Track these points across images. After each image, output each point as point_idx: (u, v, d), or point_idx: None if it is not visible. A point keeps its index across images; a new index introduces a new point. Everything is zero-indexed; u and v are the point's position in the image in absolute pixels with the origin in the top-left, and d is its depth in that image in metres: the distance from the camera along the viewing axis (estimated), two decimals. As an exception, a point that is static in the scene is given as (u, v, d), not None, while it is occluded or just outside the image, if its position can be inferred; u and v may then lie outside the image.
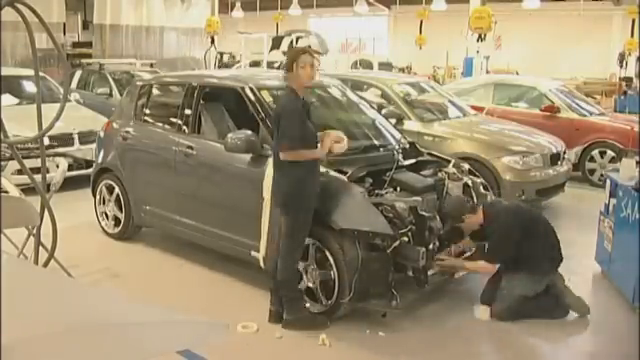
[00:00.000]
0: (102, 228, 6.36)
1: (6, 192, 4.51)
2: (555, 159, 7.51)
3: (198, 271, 5.44)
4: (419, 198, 4.45)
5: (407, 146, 5.42)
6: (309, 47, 18.20)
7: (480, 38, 12.50)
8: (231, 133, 4.89)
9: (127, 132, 6.07)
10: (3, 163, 6.99)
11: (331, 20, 28.23)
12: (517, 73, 18.77)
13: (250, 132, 4.82)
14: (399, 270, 4.26)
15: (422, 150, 5.50)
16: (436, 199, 4.79)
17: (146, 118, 6.08)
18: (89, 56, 16.20)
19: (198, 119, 5.52)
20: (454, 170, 5.15)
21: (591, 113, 9.92)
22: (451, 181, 4.93)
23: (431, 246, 4.36)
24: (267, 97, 5.32)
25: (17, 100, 8.71)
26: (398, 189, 4.63)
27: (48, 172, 4.00)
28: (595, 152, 9.26)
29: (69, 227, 5.49)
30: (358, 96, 6.41)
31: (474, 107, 9.04)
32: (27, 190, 4.62)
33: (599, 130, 9.40)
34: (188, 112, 5.54)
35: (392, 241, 4.12)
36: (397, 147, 5.18)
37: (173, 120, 5.76)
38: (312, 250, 4.39)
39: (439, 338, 4.32)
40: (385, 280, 4.17)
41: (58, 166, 5.58)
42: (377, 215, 4.20)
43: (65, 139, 8.00)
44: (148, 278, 5.36)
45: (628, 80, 18.47)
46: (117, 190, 6.10)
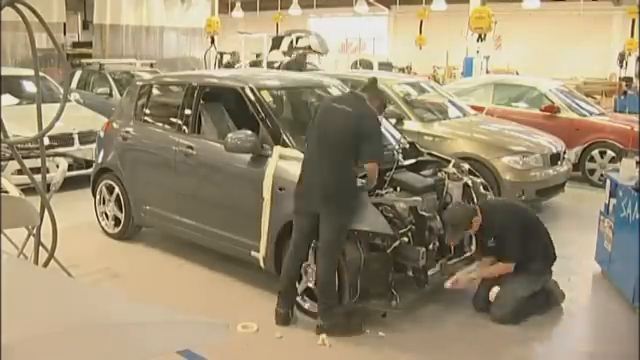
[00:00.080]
0: (102, 228, 6.36)
1: (6, 192, 4.51)
2: (555, 159, 7.51)
3: (198, 271, 5.45)
4: (419, 198, 4.45)
5: (407, 146, 5.42)
6: (309, 47, 18.15)
7: (480, 38, 12.49)
8: (231, 133, 4.89)
9: (127, 132, 6.07)
10: (3, 163, 6.99)
11: (331, 20, 28.20)
12: (517, 73, 18.74)
13: (250, 132, 4.83)
14: (399, 270, 4.26)
15: (422, 150, 5.50)
16: (436, 199, 4.79)
17: (146, 118, 6.08)
18: (89, 56, 16.20)
19: (198, 119, 5.52)
20: (454, 170, 5.15)
21: (591, 113, 9.92)
22: (451, 181, 4.93)
23: (431, 246, 4.36)
24: (267, 97, 5.32)
25: (17, 100, 8.70)
26: (398, 189, 4.63)
27: (48, 172, 3.99)
28: (595, 152, 9.26)
29: (69, 227, 5.49)
30: (358, 96, 6.40)
31: (474, 107, 9.04)
32: (27, 190, 4.62)
33: (599, 130, 9.40)
34: (188, 112, 5.54)
35: (392, 241, 4.13)
36: (397, 147, 5.18)
37: (173, 120, 5.76)
38: (312, 250, 4.39)
39: (439, 338, 4.33)
40: (385, 280, 4.17)
41: (58, 166, 5.58)
42: (377, 215, 4.20)
43: (65, 139, 8.00)
44: (148, 278, 5.37)
45: (628, 80, 18.45)
46: (117, 190, 6.11)
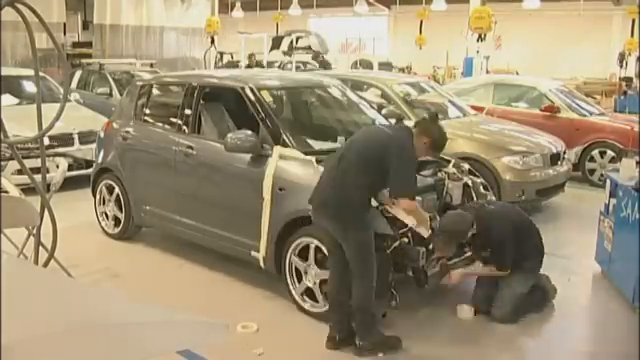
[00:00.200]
0: (102, 228, 6.36)
1: (6, 192, 4.51)
2: (555, 159, 7.51)
3: (198, 271, 5.45)
4: (419, 198, 4.45)
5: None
6: (309, 47, 18.14)
7: (480, 38, 12.50)
8: (231, 133, 4.89)
9: (127, 132, 6.07)
10: (3, 163, 6.99)
11: (331, 20, 28.21)
12: (517, 73, 18.76)
13: (250, 132, 4.83)
14: (399, 270, 4.26)
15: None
16: (436, 199, 4.78)
17: (146, 118, 6.08)
18: (89, 56, 16.21)
19: (198, 119, 5.52)
20: (454, 170, 5.15)
21: (591, 113, 9.92)
22: (451, 181, 4.93)
23: (431, 246, 4.36)
24: (267, 97, 5.32)
25: (17, 100, 8.70)
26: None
27: (48, 172, 3.99)
28: (595, 152, 9.26)
29: (69, 227, 5.49)
30: (358, 96, 6.41)
31: (474, 107, 9.04)
32: (27, 190, 4.62)
33: (599, 130, 9.40)
34: (188, 112, 5.54)
35: (392, 241, 4.12)
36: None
37: (173, 120, 5.76)
38: (312, 250, 4.39)
39: (439, 338, 4.32)
40: (385, 280, 4.17)
41: (58, 166, 5.58)
42: (377, 215, 4.19)
43: (65, 139, 8.00)
44: (148, 278, 5.36)
45: (628, 80, 18.45)
46: (117, 190, 6.10)
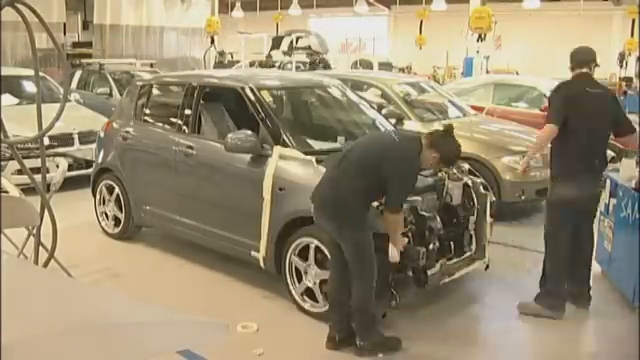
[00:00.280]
0: (102, 228, 6.36)
1: (6, 192, 4.51)
2: (555, 159, 7.50)
3: (198, 271, 5.45)
4: (419, 198, 4.45)
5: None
6: (309, 47, 18.10)
7: (480, 38, 12.51)
8: (231, 133, 4.89)
9: (127, 132, 6.07)
10: (3, 163, 6.99)
11: (331, 20, 28.22)
12: (517, 73, 18.75)
13: (250, 132, 4.83)
14: (399, 270, 4.26)
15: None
16: (436, 199, 4.78)
17: (146, 118, 6.08)
18: (89, 56, 16.21)
19: (198, 119, 5.52)
20: (454, 170, 5.15)
21: (591, 113, 9.90)
22: (451, 181, 4.92)
23: (431, 246, 4.36)
24: (267, 97, 5.32)
25: (17, 100, 8.70)
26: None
27: (48, 172, 3.99)
28: (595, 152, 9.24)
29: (69, 227, 5.48)
30: (358, 96, 6.41)
31: (474, 107, 9.04)
32: (27, 190, 4.62)
33: (599, 130, 9.38)
34: (188, 112, 5.54)
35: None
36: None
37: (173, 120, 5.76)
38: (312, 250, 4.39)
39: (439, 338, 4.32)
40: (385, 280, 4.17)
41: (58, 166, 5.58)
42: (377, 215, 4.19)
43: (65, 139, 8.00)
44: (148, 278, 5.36)
45: (628, 80, 18.44)
46: (117, 190, 6.10)
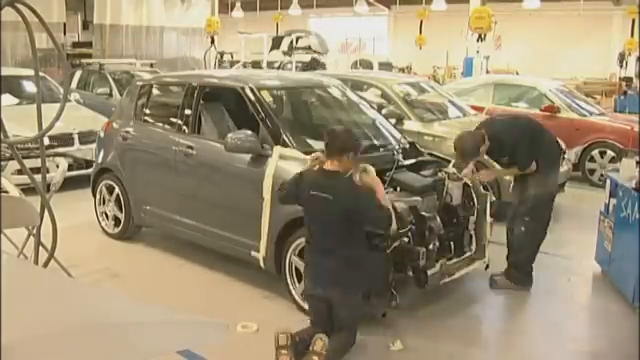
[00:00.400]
0: (102, 228, 6.36)
1: (6, 192, 4.51)
2: (555, 159, 7.49)
3: (198, 271, 5.45)
4: (419, 198, 4.46)
5: (407, 146, 5.42)
6: (309, 47, 18.08)
7: (480, 38, 12.49)
8: (231, 133, 4.89)
9: (127, 132, 6.07)
10: (3, 163, 6.99)
11: (331, 20, 28.20)
12: (517, 73, 18.75)
13: (250, 132, 4.83)
14: (399, 270, 4.26)
15: (422, 150, 5.50)
16: (436, 199, 4.79)
17: (146, 118, 6.08)
18: (89, 56, 16.20)
19: (198, 119, 5.52)
20: (454, 170, 5.15)
21: (591, 113, 9.92)
22: (451, 181, 4.93)
23: (431, 246, 4.36)
24: (267, 97, 5.32)
25: (17, 100, 8.71)
26: (398, 189, 4.62)
27: (48, 172, 3.99)
28: (595, 152, 9.26)
29: (69, 227, 5.48)
30: (358, 96, 6.41)
31: (474, 107, 9.04)
32: (27, 190, 4.62)
33: (599, 130, 9.40)
34: (188, 112, 5.54)
35: (392, 241, 4.12)
36: (397, 147, 5.17)
37: (173, 120, 5.76)
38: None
39: (439, 338, 4.32)
40: (385, 280, 4.17)
41: (58, 166, 5.58)
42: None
43: (65, 139, 8.00)
44: (148, 278, 5.36)
45: (628, 80, 18.45)
46: (117, 190, 6.11)
